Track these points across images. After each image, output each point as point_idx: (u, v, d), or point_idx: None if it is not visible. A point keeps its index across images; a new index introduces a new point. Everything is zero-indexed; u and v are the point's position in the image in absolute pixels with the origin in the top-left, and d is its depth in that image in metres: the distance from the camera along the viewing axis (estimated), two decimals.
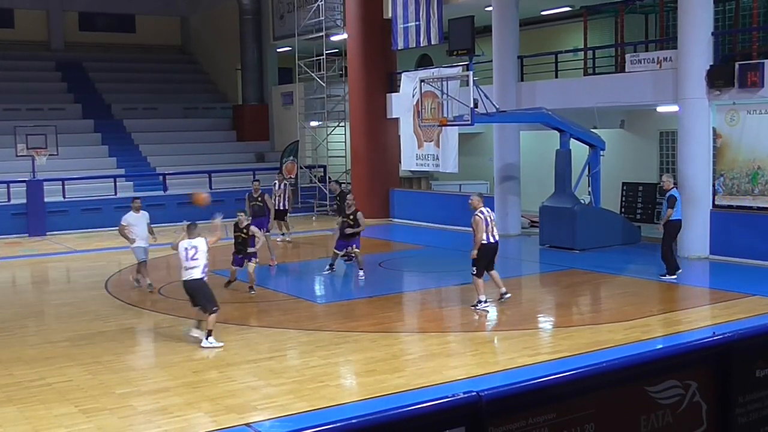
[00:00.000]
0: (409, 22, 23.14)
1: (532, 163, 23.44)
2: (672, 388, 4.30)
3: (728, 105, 16.49)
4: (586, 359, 9.84)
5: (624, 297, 13.67)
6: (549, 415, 3.83)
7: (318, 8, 27.21)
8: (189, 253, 11.08)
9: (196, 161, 28.41)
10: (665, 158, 22.16)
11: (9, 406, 8.84)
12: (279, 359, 10.53)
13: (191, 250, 11.09)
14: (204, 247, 11.15)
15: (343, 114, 27.61)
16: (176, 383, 9.52)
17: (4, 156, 25.15)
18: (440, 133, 21.95)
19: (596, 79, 20.21)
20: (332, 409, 8.38)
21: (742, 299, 13.12)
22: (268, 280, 16.04)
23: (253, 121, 31.70)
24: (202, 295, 11.10)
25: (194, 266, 11.07)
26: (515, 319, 12.57)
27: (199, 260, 11.07)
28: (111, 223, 24.09)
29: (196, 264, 11.07)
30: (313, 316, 12.83)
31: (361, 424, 3.33)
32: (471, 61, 18.44)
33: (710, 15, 16.71)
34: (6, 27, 33.38)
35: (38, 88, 31.14)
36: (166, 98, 32.36)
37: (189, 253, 11.08)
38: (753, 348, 4.60)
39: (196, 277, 11.08)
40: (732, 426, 4.50)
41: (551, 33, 25.60)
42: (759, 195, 16.20)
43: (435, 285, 15.47)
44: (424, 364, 10.13)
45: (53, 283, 17.20)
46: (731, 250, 16.45)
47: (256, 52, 31.92)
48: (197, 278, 11.10)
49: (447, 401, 3.55)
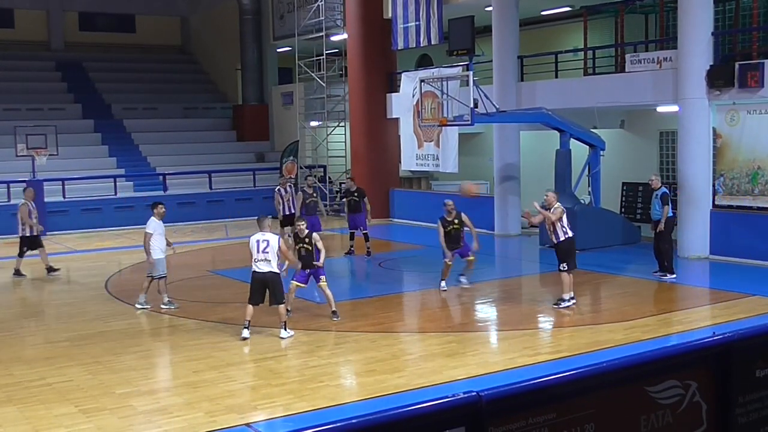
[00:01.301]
0: (409, 22, 23.14)
1: (532, 163, 23.43)
2: (672, 388, 4.30)
3: (728, 105, 16.49)
4: (586, 359, 9.84)
5: (624, 297, 13.67)
6: (549, 415, 3.82)
7: (318, 8, 27.22)
8: (261, 246, 11.23)
9: (196, 161, 28.43)
10: (665, 158, 22.16)
11: (9, 406, 8.84)
12: (279, 359, 10.53)
13: (263, 243, 11.24)
14: (275, 244, 11.26)
15: (343, 114, 27.61)
16: (176, 383, 9.52)
17: (4, 156, 25.16)
18: (440, 133, 21.95)
19: (596, 79, 20.21)
20: (332, 409, 8.38)
21: (742, 299, 13.12)
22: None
23: (253, 121, 31.71)
24: (279, 287, 11.28)
25: (266, 258, 11.20)
26: (515, 319, 12.56)
27: (270, 254, 11.19)
28: (111, 223, 24.25)
29: (268, 257, 11.20)
30: (313, 316, 12.83)
31: (361, 424, 3.33)
32: (471, 61, 18.44)
33: (710, 15, 16.71)
34: (6, 27, 33.39)
35: (38, 88, 31.15)
36: (166, 98, 32.37)
37: (261, 246, 11.23)
38: (753, 348, 4.60)
39: (274, 270, 11.25)
40: (732, 426, 4.50)
41: (551, 33, 25.60)
42: (759, 195, 16.20)
43: (435, 285, 15.45)
44: (424, 364, 10.13)
45: (53, 283, 17.19)
46: (731, 250, 16.45)
47: (256, 52, 31.93)
48: (275, 271, 11.28)
49: (447, 401, 3.55)
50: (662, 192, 14.64)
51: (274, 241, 11.27)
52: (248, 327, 11.28)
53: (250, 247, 11.36)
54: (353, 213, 17.72)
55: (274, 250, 11.23)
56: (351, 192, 17.94)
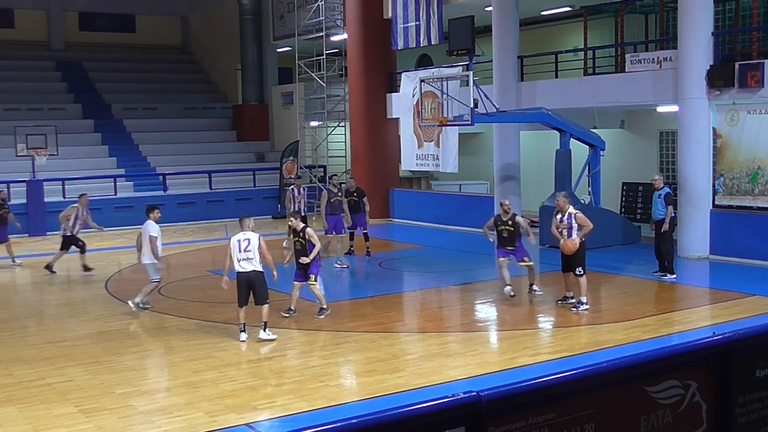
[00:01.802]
0: (409, 22, 23.14)
1: (532, 163, 23.44)
2: (672, 388, 4.30)
3: (728, 105, 16.49)
4: (586, 359, 9.84)
5: (624, 297, 13.67)
6: (549, 415, 3.83)
7: (318, 8, 27.21)
8: (242, 245, 11.16)
9: (196, 161, 28.43)
10: (665, 158, 22.17)
11: (9, 406, 8.84)
12: (279, 359, 10.53)
13: (244, 242, 11.17)
14: (256, 242, 11.19)
15: (343, 114, 27.61)
16: (176, 383, 9.52)
17: (4, 156, 25.16)
18: (440, 133, 21.95)
19: (596, 79, 20.21)
20: (332, 409, 8.38)
21: (742, 299, 13.12)
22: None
23: (253, 121, 31.71)
24: (262, 287, 11.20)
25: (248, 258, 11.13)
26: (515, 319, 12.56)
27: (252, 252, 11.12)
28: (111, 223, 24.17)
29: (250, 256, 11.13)
30: (313, 316, 12.82)
31: (361, 424, 3.33)
32: (471, 61, 18.43)
33: (710, 15, 16.71)
34: (6, 27, 33.39)
35: (38, 88, 31.15)
36: (166, 98, 32.37)
37: (242, 245, 11.16)
38: (753, 348, 4.60)
39: (257, 269, 11.16)
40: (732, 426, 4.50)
41: (551, 33, 25.60)
42: (759, 195, 16.20)
43: (435, 285, 15.46)
44: (424, 364, 10.13)
45: (53, 283, 17.18)
46: (731, 250, 16.46)
47: (256, 52, 31.93)
48: (259, 270, 11.18)
49: (447, 401, 3.55)
50: (665, 192, 14.62)
51: (255, 240, 11.21)
52: (245, 330, 11.24)
53: (231, 248, 11.21)
54: (353, 213, 17.76)
55: (255, 247, 11.16)
56: (351, 192, 17.97)
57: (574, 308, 12.55)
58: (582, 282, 12.57)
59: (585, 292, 12.58)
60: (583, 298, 12.56)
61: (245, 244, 11.16)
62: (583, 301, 12.56)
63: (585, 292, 12.58)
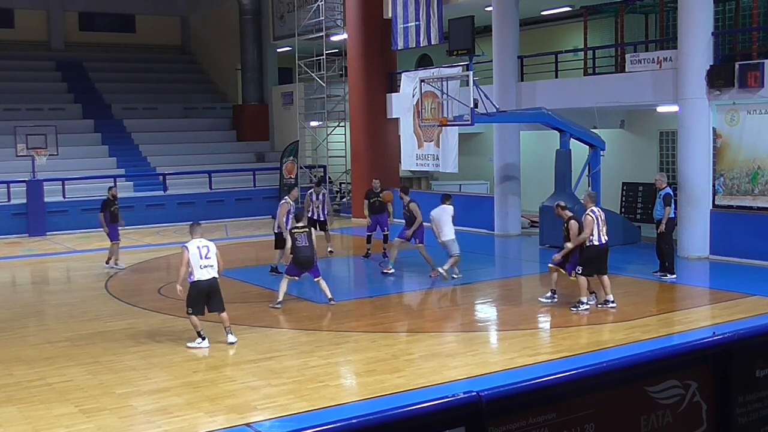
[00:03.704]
0: (409, 22, 23.14)
1: (532, 163, 23.44)
2: (672, 388, 4.30)
3: (728, 105, 16.49)
4: (586, 359, 9.84)
5: (624, 297, 13.65)
6: (549, 415, 3.83)
7: (318, 8, 27.22)
8: (203, 252, 11.05)
9: (196, 161, 28.42)
10: (665, 158, 22.17)
11: (9, 406, 8.84)
12: (279, 359, 10.52)
13: (204, 249, 11.08)
14: (215, 249, 11.15)
15: (343, 114, 27.61)
16: (176, 383, 9.52)
17: (4, 156, 25.16)
18: (440, 133, 21.95)
19: (596, 79, 20.21)
20: (332, 409, 8.38)
21: (742, 299, 13.12)
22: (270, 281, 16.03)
23: (253, 121, 31.71)
24: (220, 294, 11.16)
25: (210, 264, 11.05)
26: (515, 319, 12.56)
27: (212, 259, 11.06)
28: None
29: (211, 263, 11.05)
30: (313, 316, 12.83)
31: (361, 424, 3.33)
32: (471, 61, 18.43)
33: (710, 15, 16.71)
34: (6, 27, 33.39)
35: (38, 88, 31.15)
36: (166, 98, 32.37)
37: (203, 252, 11.05)
38: (753, 348, 4.60)
39: (216, 276, 11.10)
40: (732, 426, 4.50)
41: (551, 33, 25.60)
42: (759, 195, 16.20)
43: (435, 285, 15.45)
44: (424, 364, 10.13)
45: (53, 283, 17.20)
46: (731, 250, 16.45)
47: (256, 52, 31.93)
48: (217, 277, 11.12)
49: (447, 401, 3.55)
50: (665, 193, 14.63)
51: (213, 247, 11.14)
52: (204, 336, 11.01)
53: (189, 255, 10.93)
54: (377, 214, 17.77)
55: (215, 254, 11.08)
56: (376, 193, 18.01)
57: (573, 308, 12.55)
58: (582, 282, 12.58)
59: (585, 292, 12.59)
60: (583, 298, 12.57)
61: (205, 251, 11.04)
62: (583, 300, 12.57)
63: (585, 293, 12.58)
